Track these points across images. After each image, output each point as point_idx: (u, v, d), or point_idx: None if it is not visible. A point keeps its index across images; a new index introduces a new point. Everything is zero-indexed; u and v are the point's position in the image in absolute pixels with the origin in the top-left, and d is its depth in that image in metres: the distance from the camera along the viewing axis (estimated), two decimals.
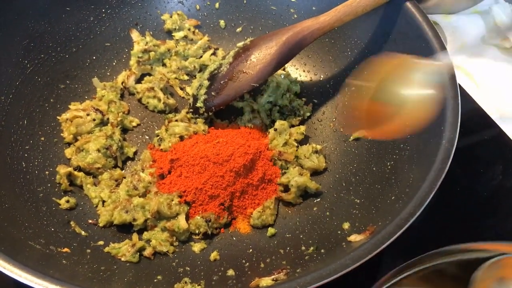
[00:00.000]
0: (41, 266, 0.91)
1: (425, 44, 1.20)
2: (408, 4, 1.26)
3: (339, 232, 1.08)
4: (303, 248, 1.08)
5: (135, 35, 1.49)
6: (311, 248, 1.06)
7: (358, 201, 1.14)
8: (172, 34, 1.52)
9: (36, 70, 1.33)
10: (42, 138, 1.27)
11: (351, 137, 1.31)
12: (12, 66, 1.28)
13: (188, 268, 1.08)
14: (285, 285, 0.87)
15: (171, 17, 1.52)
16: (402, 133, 1.17)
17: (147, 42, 1.46)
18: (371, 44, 1.36)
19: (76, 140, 1.30)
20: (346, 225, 1.08)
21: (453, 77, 1.13)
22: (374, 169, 1.19)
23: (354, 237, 0.99)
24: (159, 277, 1.04)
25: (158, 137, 1.32)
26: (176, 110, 1.42)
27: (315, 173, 1.28)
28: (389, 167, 1.15)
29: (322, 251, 1.03)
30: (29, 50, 1.32)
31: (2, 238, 0.93)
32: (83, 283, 0.91)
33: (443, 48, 1.16)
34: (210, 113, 1.34)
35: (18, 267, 0.84)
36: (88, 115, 1.31)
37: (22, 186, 1.14)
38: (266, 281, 0.94)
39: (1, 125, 1.20)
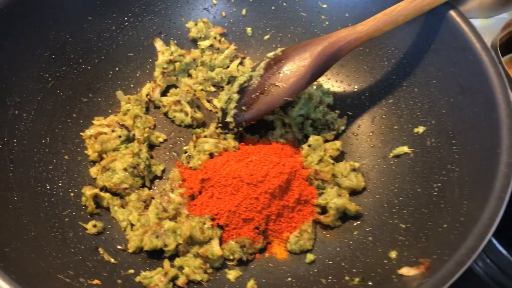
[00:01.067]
0: None
1: (472, 57, 1.12)
2: (452, 12, 1.18)
3: (385, 261, 1.01)
4: (347, 278, 1.01)
5: (159, 44, 1.42)
6: (357, 279, 0.99)
7: (403, 226, 1.07)
8: (198, 43, 1.45)
9: (57, 83, 1.26)
10: (66, 157, 1.21)
11: (391, 154, 1.24)
12: (33, 81, 1.21)
13: None
14: None
15: (196, 25, 1.45)
16: None
17: (172, 52, 1.39)
18: (410, 54, 1.29)
19: (101, 158, 1.23)
20: (393, 254, 1.01)
21: (505, 92, 1.05)
22: (419, 190, 1.12)
23: (406, 271, 0.92)
24: None
25: (186, 154, 1.26)
26: (203, 125, 1.35)
27: (353, 193, 1.21)
28: (436, 189, 1.08)
29: (370, 283, 0.96)
30: (50, 62, 1.26)
31: (31, 274, 0.86)
32: None
33: (494, 64, 1.08)
34: (240, 129, 1.27)
35: None
36: (113, 131, 1.24)
37: (47, 211, 1.08)
38: None
39: (24, 144, 1.14)
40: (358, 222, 1.16)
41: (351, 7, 1.38)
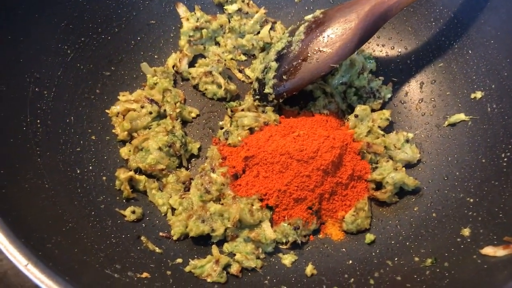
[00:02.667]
0: None
1: None
2: None
3: (458, 240, 0.93)
4: (417, 259, 0.93)
5: (182, 10, 1.30)
6: (429, 260, 0.91)
7: (471, 200, 0.99)
8: (224, 7, 1.33)
9: (77, 56, 1.15)
10: (93, 137, 1.10)
11: (446, 122, 1.15)
12: (52, 54, 1.10)
13: (285, 287, 0.93)
14: None
15: None
16: None
17: (197, 18, 1.27)
18: (462, 12, 1.19)
19: (132, 137, 1.12)
20: (466, 231, 0.93)
21: None
22: (483, 161, 1.04)
23: (492, 251, 0.84)
24: None
25: (223, 130, 1.15)
26: (237, 97, 1.24)
27: (407, 166, 1.12)
28: (505, 159, 1.00)
29: (446, 264, 0.88)
30: (68, 33, 1.14)
31: (79, 271, 0.77)
32: None
33: None
34: (281, 100, 1.17)
35: None
36: (142, 107, 1.13)
37: (81, 198, 0.98)
38: None
39: (47, 124, 1.03)
40: (417, 198, 1.08)
41: None
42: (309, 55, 1.13)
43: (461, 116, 1.13)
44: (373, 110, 1.20)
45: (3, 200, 0.79)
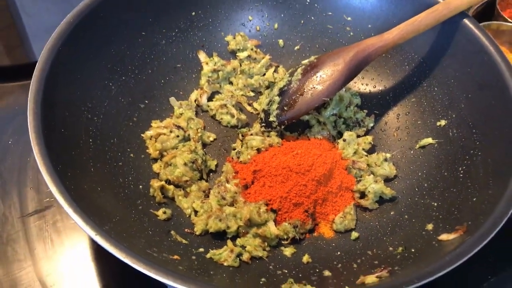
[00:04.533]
0: (165, 270, 0.99)
1: (487, 58, 1.30)
2: (466, 20, 1.36)
3: (423, 232, 1.17)
4: (391, 248, 1.17)
5: (202, 56, 1.59)
6: (400, 249, 1.15)
7: (435, 204, 1.23)
8: (236, 54, 1.62)
9: (119, 91, 1.42)
10: (132, 155, 1.36)
11: (417, 145, 1.41)
12: (100, 89, 1.36)
13: (286, 271, 1.17)
14: (394, 281, 0.96)
15: (234, 38, 1.62)
16: None
17: (215, 63, 1.56)
18: (429, 58, 1.47)
19: (162, 155, 1.39)
20: (429, 226, 1.17)
21: None
22: (445, 174, 1.29)
23: (445, 236, 1.08)
24: (263, 279, 1.12)
25: (235, 151, 1.41)
26: (247, 125, 1.51)
27: (386, 180, 1.37)
28: (461, 172, 1.25)
29: (413, 250, 1.12)
30: (113, 72, 1.41)
31: (130, 247, 1.01)
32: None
33: (507, 63, 1.26)
34: (283, 127, 1.44)
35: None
36: (171, 131, 1.40)
37: (124, 200, 1.22)
38: (371, 278, 1.03)
39: (97, 143, 1.28)
40: (394, 204, 1.32)
41: (374, 19, 1.55)
42: (305, 91, 1.40)
43: (429, 140, 1.39)
44: (358, 136, 1.46)
45: (74, 193, 1.04)
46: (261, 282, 1.11)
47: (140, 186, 1.31)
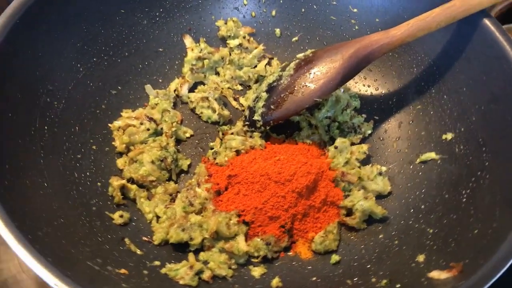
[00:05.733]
0: None
1: (507, 66, 1.12)
2: (487, 21, 1.18)
3: (413, 264, 1.00)
4: (373, 280, 1.01)
5: (188, 41, 1.43)
6: (384, 281, 0.98)
7: (430, 230, 1.07)
8: (227, 41, 1.46)
9: (88, 74, 1.27)
10: (94, 147, 1.21)
11: (418, 160, 1.24)
12: (66, 70, 1.22)
13: None
14: None
15: (226, 23, 1.46)
16: None
17: (201, 49, 1.40)
18: (440, 61, 1.29)
19: (129, 150, 1.24)
20: (421, 257, 1.01)
21: None
22: (446, 196, 1.12)
23: (437, 274, 0.91)
24: None
25: (213, 150, 1.26)
26: (230, 122, 1.35)
27: (379, 196, 1.21)
28: (465, 196, 1.08)
29: (398, 286, 0.95)
30: (82, 53, 1.26)
31: (63, 258, 0.86)
32: None
33: None
34: (268, 128, 1.28)
35: None
36: (141, 124, 1.25)
37: (75, 199, 1.08)
38: None
39: (54, 132, 1.14)
40: (384, 226, 1.15)
41: (382, 13, 1.38)
42: (295, 88, 1.24)
43: (432, 155, 1.22)
44: (353, 144, 1.29)
45: (5, 189, 0.90)
46: None
47: (99, 184, 1.16)
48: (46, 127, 1.12)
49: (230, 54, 1.44)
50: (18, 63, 1.09)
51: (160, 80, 1.39)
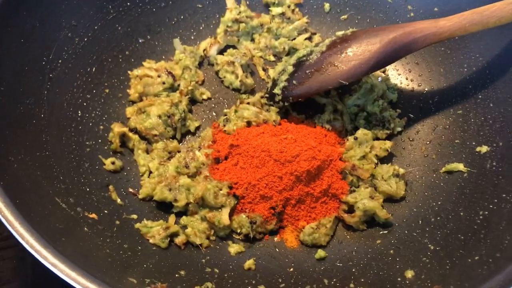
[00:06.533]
0: (57, 231, 0.82)
1: None
2: None
3: (399, 279, 0.89)
4: (351, 285, 0.91)
5: (230, 1, 1.36)
6: None
7: (432, 247, 0.94)
8: (270, 8, 1.37)
9: (118, 17, 1.25)
10: (107, 90, 1.19)
11: (443, 169, 1.10)
12: (95, 8, 1.21)
13: (217, 271, 0.95)
14: None
15: None
16: None
17: (240, 12, 1.33)
18: (495, 64, 1.13)
19: (141, 100, 1.20)
20: (409, 273, 0.89)
21: None
22: (461, 214, 0.98)
23: None
24: (182, 272, 0.92)
25: (225, 117, 1.19)
26: (252, 92, 1.28)
27: (389, 199, 1.09)
28: (481, 217, 0.94)
29: None
30: None
31: (27, 188, 0.85)
32: (96, 263, 0.80)
33: None
34: (286, 103, 1.19)
35: (28, 230, 0.74)
36: (159, 76, 1.21)
37: (71, 136, 1.07)
38: None
39: (68, 67, 1.13)
40: (385, 232, 1.04)
41: (443, 2, 1.24)
42: (323, 66, 1.14)
43: (460, 166, 1.08)
44: (376, 138, 1.17)
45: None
46: (176, 275, 0.90)
47: (101, 127, 1.14)
48: (60, 61, 1.12)
49: (270, 22, 1.36)
50: None
51: (192, 38, 1.35)
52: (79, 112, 1.12)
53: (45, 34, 1.09)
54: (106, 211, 0.98)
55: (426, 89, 1.24)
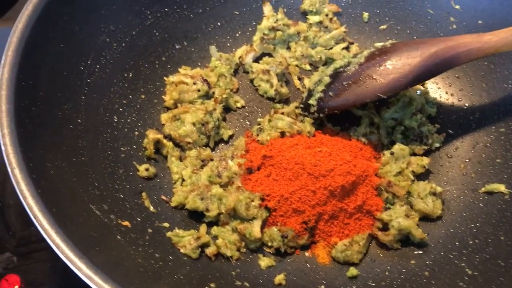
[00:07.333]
0: (91, 239, 0.82)
1: None
2: None
3: None
4: None
5: (267, 9, 1.35)
6: None
7: (469, 272, 0.91)
8: (307, 16, 1.35)
9: (156, 23, 1.25)
10: (143, 96, 1.20)
11: (483, 189, 1.07)
12: (133, 14, 1.21)
13: (247, 285, 0.95)
14: None
15: None
16: None
17: (277, 19, 1.31)
18: None
19: (176, 106, 1.21)
20: None
21: None
22: (502, 238, 0.95)
23: None
24: (212, 285, 0.91)
25: (258, 126, 1.18)
26: (286, 101, 1.26)
27: (425, 218, 1.06)
28: None
29: None
30: (154, 0, 1.24)
31: (63, 193, 0.85)
32: (127, 274, 0.80)
33: None
34: (322, 115, 1.17)
35: (64, 241, 0.75)
36: (194, 83, 1.21)
37: (106, 142, 1.08)
38: None
39: (105, 72, 1.14)
40: (420, 252, 1.01)
41: (488, 14, 1.20)
42: (360, 79, 1.11)
43: (501, 188, 1.04)
44: (414, 154, 1.15)
45: (26, 109, 0.90)
46: None
47: (136, 133, 1.15)
48: (98, 66, 1.13)
49: (307, 31, 1.34)
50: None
51: (228, 44, 1.33)
52: (115, 117, 1.13)
53: (84, 39, 1.10)
54: (139, 219, 0.99)
55: (466, 105, 1.21)
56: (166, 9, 1.26)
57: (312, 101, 1.16)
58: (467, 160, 1.13)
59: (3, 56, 0.91)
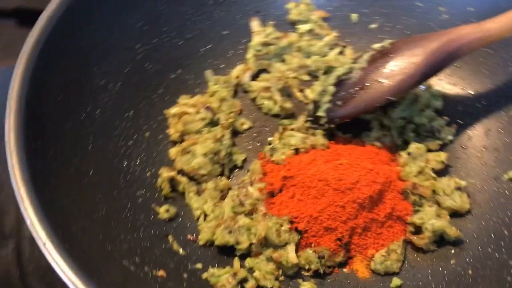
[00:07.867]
0: None
1: None
2: None
3: None
4: None
5: (255, 24, 1.32)
6: None
7: None
8: (296, 26, 1.33)
9: (147, 56, 1.21)
10: (147, 134, 1.16)
11: (506, 176, 1.07)
12: (123, 51, 1.17)
13: None
14: None
15: (297, 6, 1.33)
16: None
17: (267, 34, 1.29)
18: None
19: (183, 139, 1.17)
20: None
21: None
22: None
23: None
24: None
25: (270, 146, 1.16)
26: (292, 115, 1.24)
27: (454, 215, 1.05)
28: None
29: None
30: (142, 33, 1.20)
31: (95, 257, 0.81)
32: None
33: None
34: (332, 125, 1.15)
35: None
36: (198, 112, 1.17)
37: (121, 189, 1.04)
38: None
39: (106, 116, 1.09)
40: (457, 250, 1.01)
41: (479, 1, 1.19)
42: (367, 84, 1.10)
43: None
44: (429, 150, 1.14)
45: (41, 174, 0.85)
46: None
47: (148, 173, 1.11)
48: (98, 111, 1.08)
49: (299, 41, 1.31)
50: (74, 44, 1.05)
51: (221, 66, 1.30)
52: (125, 161, 1.09)
53: (81, 85, 1.06)
54: (171, 265, 0.95)
55: (471, 93, 1.21)
56: (155, 40, 1.23)
57: (321, 113, 1.15)
58: (483, 149, 1.13)
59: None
